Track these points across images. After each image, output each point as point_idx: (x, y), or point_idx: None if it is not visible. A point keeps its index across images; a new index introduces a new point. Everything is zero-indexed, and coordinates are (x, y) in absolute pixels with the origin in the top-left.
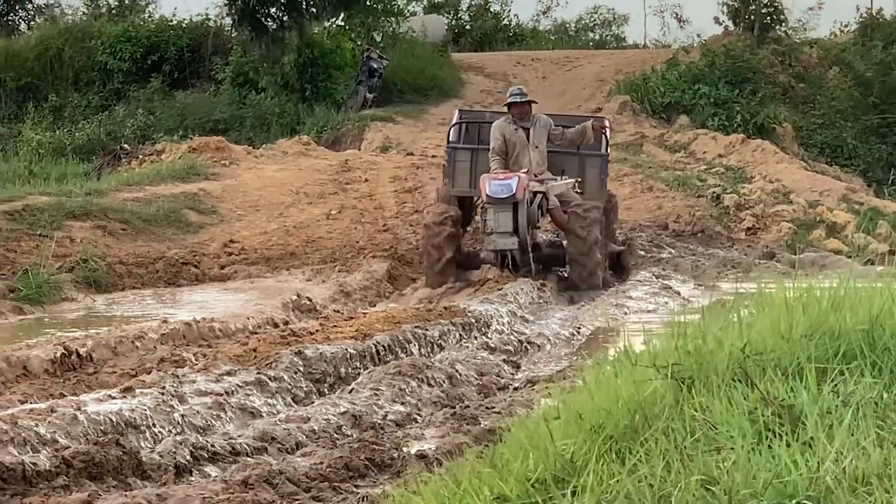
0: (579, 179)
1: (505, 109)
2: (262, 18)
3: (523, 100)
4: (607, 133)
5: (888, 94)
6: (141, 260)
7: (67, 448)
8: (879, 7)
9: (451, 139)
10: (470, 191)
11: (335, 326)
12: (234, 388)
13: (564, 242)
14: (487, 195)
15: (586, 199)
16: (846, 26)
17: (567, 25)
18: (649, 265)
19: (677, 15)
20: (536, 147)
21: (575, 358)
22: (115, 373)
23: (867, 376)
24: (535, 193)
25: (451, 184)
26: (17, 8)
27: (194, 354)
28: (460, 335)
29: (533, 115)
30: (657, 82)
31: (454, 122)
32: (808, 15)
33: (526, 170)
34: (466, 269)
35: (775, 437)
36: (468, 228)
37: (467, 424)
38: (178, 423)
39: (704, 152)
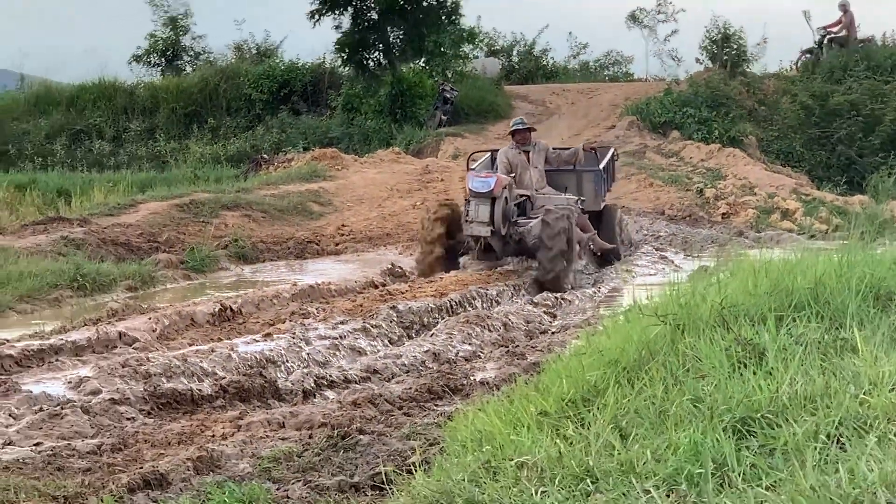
0: (583, 198)
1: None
2: (364, 61)
3: (524, 127)
4: (605, 155)
5: (825, 115)
6: (276, 239)
7: (224, 378)
8: (816, 47)
9: (472, 167)
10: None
11: (420, 288)
12: (345, 334)
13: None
14: (470, 189)
15: (585, 208)
16: (795, 64)
17: (589, 64)
18: (651, 241)
19: (673, 56)
20: (536, 167)
21: (597, 309)
22: (259, 322)
23: (813, 322)
24: (519, 195)
25: None
26: (183, 55)
27: (316, 309)
28: (512, 293)
29: (533, 141)
30: (656, 106)
31: (482, 151)
32: (756, 49)
33: (544, 185)
34: (458, 254)
35: (745, 367)
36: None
37: (518, 359)
38: (305, 359)
39: (691, 158)
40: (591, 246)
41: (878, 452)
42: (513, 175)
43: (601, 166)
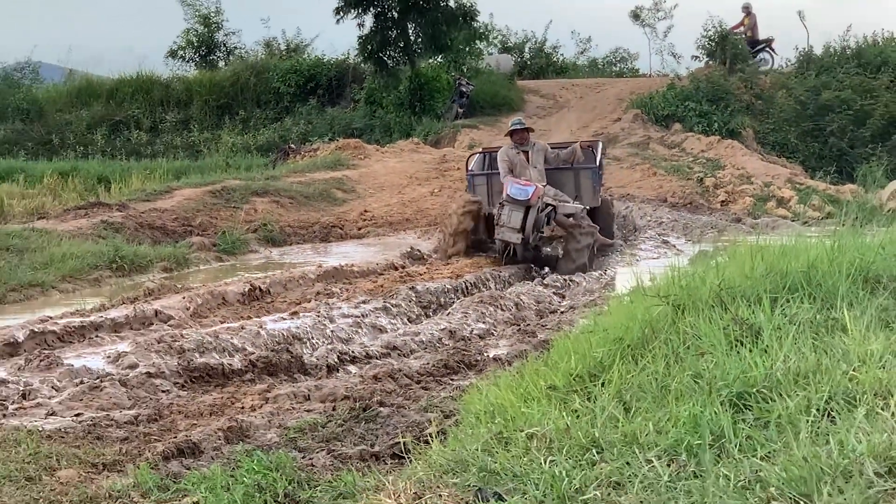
0: (587, 208)
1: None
2: (384, 58)
3: (522, 127)
4: (597, 150)
5: (818, 109)
6: (303, 224)
7: (253, 353)
8: (811, 46)
9: (469, 168)
10: (487, 207)
11: (437, 270)
12: (367, 312)
13: (559, 250)
14: (507, 194)
15: (583, 203)
16: (790, 61)
17: (597, 60)
18: (654, 227)
19: (672, 52)
20: (535, 167)
21: (603, 291)
22: (286, 302)
23: (805, 303)
24: (546, 205)
25: None
26: (216, 50)
27: (340, 289)
28: (524, 275)
29: (531, 141)
30: (659, 100)
31: (478, 152)
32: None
33: (544, 184)
34: (476, 250)
35: (742, 345)
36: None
37: (528, 337)
38: (329, 336)
39: (692, 149)
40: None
41: (867, 425)
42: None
43: (596, 163)
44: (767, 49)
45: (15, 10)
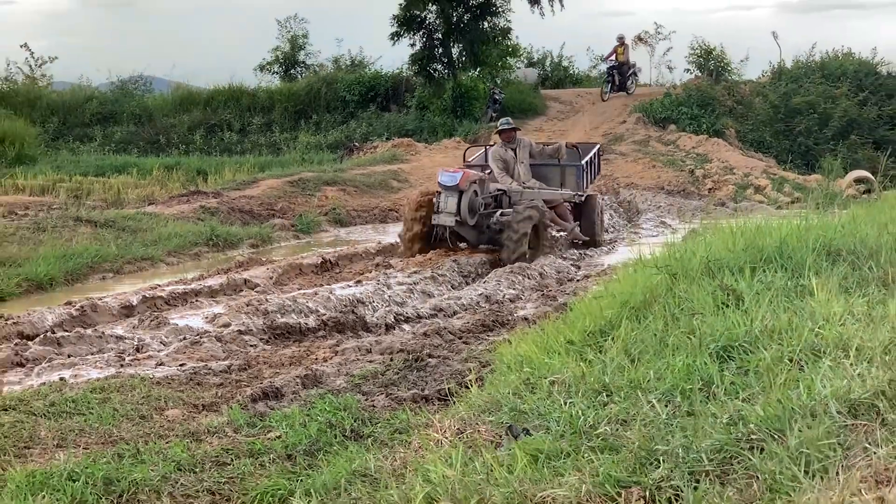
0: (581, 193)
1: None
2: (431, 71)
3: (510, 127)
4: (590, 151)
5: (789, 112)
6: (365, 208)
7: (324, 314)
8: (783, 60)
9: (469, 160)
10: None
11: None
12: (418, 281)
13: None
14: (439, 182)
15: (569, 199)
16: (765, 72)
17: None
18: (653, 210)
19: (668, 66)
20: (522, 162)
21: (611, 262)
22: (351, 272)
23: (779, 272)
24: (497, 190)
25: None
26: (295, 66)
27: (396, 261)
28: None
29: (517, 139)
30: (658, 105)
31: (476, 145)
32: (739, 64)
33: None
34: (438, 244)
35: (727, 307)
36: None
37: (550, 301)
38: (387, 300)
39: (684, 145)
40: (569, 237)
41: (830, 373)
42: (507, 170)
43: (583, 161)
44: (634, 73)
45: (130, 34)
